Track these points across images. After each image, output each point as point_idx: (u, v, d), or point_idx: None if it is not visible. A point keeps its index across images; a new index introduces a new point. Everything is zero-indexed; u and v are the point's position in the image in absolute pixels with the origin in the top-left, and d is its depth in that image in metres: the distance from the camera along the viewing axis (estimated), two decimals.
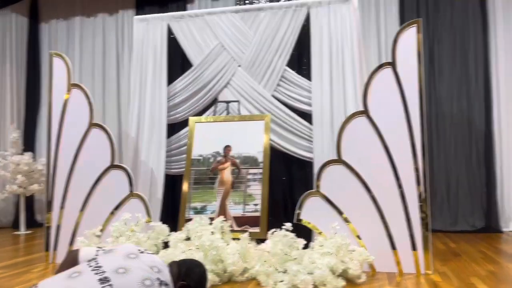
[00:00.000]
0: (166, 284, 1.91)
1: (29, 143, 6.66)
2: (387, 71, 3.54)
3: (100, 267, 1.89)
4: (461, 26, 5.53)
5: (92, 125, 4.22)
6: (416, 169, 3.41)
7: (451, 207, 5.41)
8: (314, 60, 4.49)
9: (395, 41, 3.54)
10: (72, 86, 4.34)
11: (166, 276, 1.94)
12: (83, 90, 4.31)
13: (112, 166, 4.12)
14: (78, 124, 4.25)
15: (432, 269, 3.32)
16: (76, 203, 4.14)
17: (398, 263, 3.37)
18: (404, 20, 5.27)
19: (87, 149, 4.22)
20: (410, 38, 3.52)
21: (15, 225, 6.20)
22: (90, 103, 4.26)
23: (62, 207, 4.20)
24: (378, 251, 3.35)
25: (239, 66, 4.72)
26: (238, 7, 5.53)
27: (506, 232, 5.20)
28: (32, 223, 6.23)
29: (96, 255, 2.01)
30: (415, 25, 3.53)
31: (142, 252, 2.03)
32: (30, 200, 6.31)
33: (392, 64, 3.52)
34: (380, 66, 3.59)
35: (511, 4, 5.42)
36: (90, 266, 1.92)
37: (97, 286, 1.83)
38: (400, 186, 3.42)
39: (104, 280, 1.84)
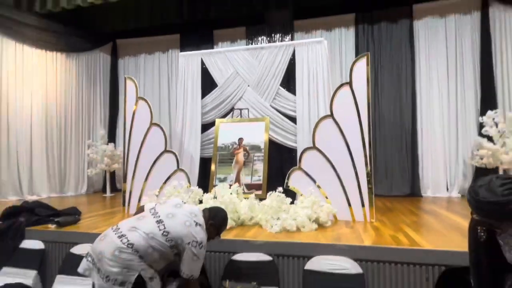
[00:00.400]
0: (200, 224, 1.95)
1: (111, 137, 6.71)
2: (346, 88, 3.50)
3: (157, 213, 1.94)
4: (396, 58, 5.47)
5: (152, 124, 4.22)
6: (365, 155, 3.38)
7: (388, 180, 5.39)
8: (298, 81, 4.50)
9: (351, 68, 3.51)
10: (139, 98, 4.35)
11: (200, 219, 1.98)
12: (146, 101, 4.32)
13: (165, 151, 4.11)
14: (142, 123, 4.26)
15: (374, 219, 3.33)
16: (142, 176, 4.17)
17: (352, 214, 3.38)
18: (358, 53, 5.28)
19: (149, 140, 4.22)
20: (361, 66, 3.47)
21: (104, 190, 6.28)
22: (150, 110, 4.26)
23: (132, 178, 4.24)
24: (339, 207, 3.35)
25: (248, 86, 4.72)
26: (247, 46, 5.55)
27: (425, 196, 5.17)
28: (114, 189, 6.27)
29: (155, 206, 2.06)
30: (365, 57, 3.49)
31: (184, 203, 2.07)
32: (113, 174, 6.37)
33: (349, 84, 3.49)
34: (341, 85, 3.55)
35: (430, 45, 5.39)
36: (151, 212, 1.97)
37: (154, 224, 1.87)
38: (354, 165, 3.41)
39: (159, 221, 1.88)
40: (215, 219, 2.09)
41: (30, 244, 3.06)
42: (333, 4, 5.48)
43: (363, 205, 3.37)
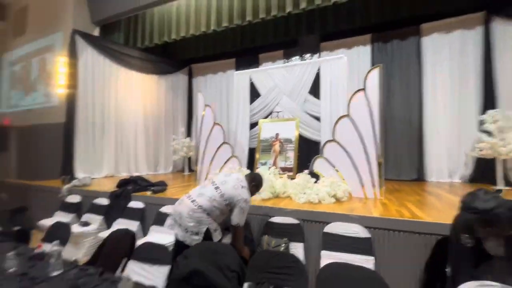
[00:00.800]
0: (245, 187, 2.05)
1: (188, 133, 6.98)
2: (361, 93, 3.30)
3: (214, 182, 2.04)
4: (406, 68, 4.98)
5: (214, 124, 4.37)
6: (376, 146, 3.16)
7: (397, 166, 4.95)
8: (322, 89, 4.34)
9: (365, 77, 3.30)
10: (206, 106, 4.51)
11: (244, 183, 2.06)
12: (210, 108, 4.48)
13: (224, 143, 4.23)
14: (208, 123, 4.42)
15: (383, 197, 3.13)
16: (208, 160, 4.33)
17: (364, 193, 3.20)
18: (374, 64, 4.91)
19: (212, 135, 4.35)
20: (374, 75, 3.25)
21: (183, 170, 6.48)
22: (214, 114, 4.41)
23: (202, 162, 4.43)
24: (354, 187, 3.20)
25: (284, 94, 4.68)
26: (284, 64, 5.42)
27: (429, 181, 4.70)
28: (190, 169, 6.49)
29: (213, 177, 2.16)
30: (377, 68, 3.26)
31: (232, 173, 2.17)
32: (189, 159, 6.49)
33: (364, 89, 3.30)
34: (357, 91, 3.35)
35: (436, 56, 4.82)
36: (210, 182, 2.07)
37: (214, 190, 1.97)
38: (366, 154, 3.21)
39: (217, 188, 1.98)
40: (255, 181, 2.20)
41: (135, 204, 3.29)
42: (352, 28, 5.17)
43: (373, 186, 3.16)
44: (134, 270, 1.70)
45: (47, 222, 3.09)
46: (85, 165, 4.97)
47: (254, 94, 4.94)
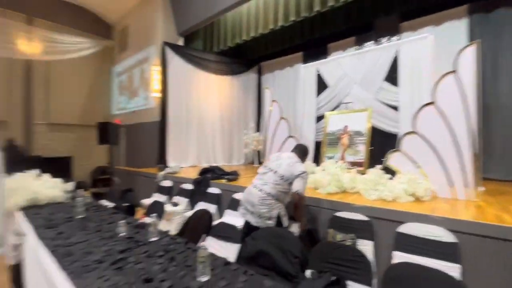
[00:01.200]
0: (297, 162, 2.20)
1: (258, 128, 7.21)
2: (451, 76, 2.79)
3: (271, 168, 2.21)
4: None
5: (281, 118, 4.41)
6: (470, 140, 2.64)
7: (506, 164, 3.97)
8: (401, 75, 3.85)
9: (457, 56, 2.75)
10: (273, 101, 4.61)
11: (296, 158, 2.23)
12: (277, 103, 4.55)
13: (289, 137, 4.22)
14: (275, 118, 4.52)
15: (479, 198, 2.59)
16: (274, 151, 4.33)
17: (454, 194, 2.72)
18: (473, 40, 4.03)
19: (279, 129, 4.40)
20: (469, 54, 2.69)
21: (253, 162, 6.74)
22: (280, 108, 4.46)
23: (270, 153, 4.52)
24: (440, 186, 2.76)
25: (355, 83, 4.37)
26: (355, 51, 5.00)
27: None
28: (259, 162, 6.58)
29: (267, 165, 2.29)
30: (474, 45, 2.69)
31: (281, 154, 2.33)
32: (258, 152, 6.68)
33: (455, 72, 2.76)
34: (446, 73, 2.82)
35: None
36: (267, 168, 2.23)
37: (274, 176, 2.13)
38: (458, 148, 2.71)
39: (275, 172, 2.14)
40: (302, 151, 2.40)
41: (213, 190, 3.60)
42: (442, 1, 4.34)
43: (466, 186, 2.65)
44: (211, 244, 1.99)
45: (147, 201, 3.67)
46: (175, 156, 5.62)
47: (322, 86, 4.77)
